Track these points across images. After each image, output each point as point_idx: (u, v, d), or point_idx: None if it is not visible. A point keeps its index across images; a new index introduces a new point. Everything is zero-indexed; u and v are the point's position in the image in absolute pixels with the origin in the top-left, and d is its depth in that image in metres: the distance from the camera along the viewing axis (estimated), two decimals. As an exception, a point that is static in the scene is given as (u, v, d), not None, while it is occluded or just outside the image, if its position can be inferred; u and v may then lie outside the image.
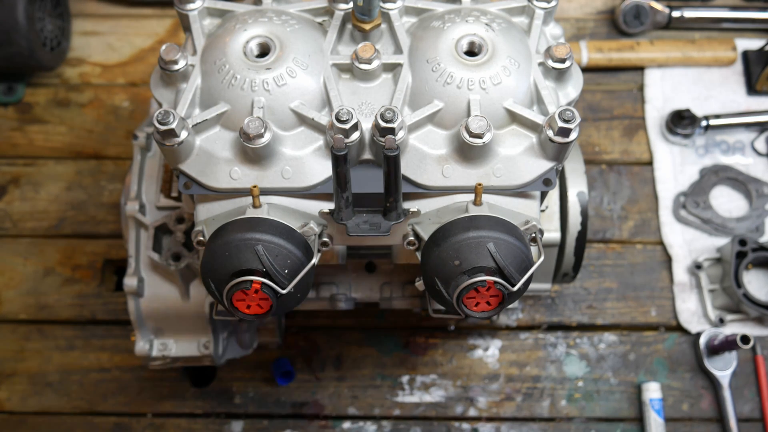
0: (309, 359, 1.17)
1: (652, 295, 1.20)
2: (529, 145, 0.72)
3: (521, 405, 1.14)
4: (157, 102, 0.75)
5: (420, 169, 0.72)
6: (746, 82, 1.31)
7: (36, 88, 1.34)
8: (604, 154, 1.29)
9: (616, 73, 1.34)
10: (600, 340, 1.18)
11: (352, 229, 0.71)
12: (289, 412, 1.14)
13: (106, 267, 1.23)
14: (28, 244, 1.24)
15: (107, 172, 1.28)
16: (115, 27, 1.39)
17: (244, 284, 0.65)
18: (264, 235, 0.67)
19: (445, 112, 0.72)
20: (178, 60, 0.72)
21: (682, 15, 1.34)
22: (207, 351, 0.94)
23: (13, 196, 1.27)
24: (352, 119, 0.68)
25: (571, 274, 0.98)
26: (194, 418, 1.14)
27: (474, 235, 0.67)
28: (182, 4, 0.77)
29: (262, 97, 0.71)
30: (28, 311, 1.20)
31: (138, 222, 0.92)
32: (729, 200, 1.24)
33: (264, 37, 0.74)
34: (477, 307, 0.68)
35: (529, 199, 0.74)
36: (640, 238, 1.23)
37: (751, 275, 1.19)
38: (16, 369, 1.17)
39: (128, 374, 1.16)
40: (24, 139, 1.31)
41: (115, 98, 1.33)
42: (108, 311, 1.20)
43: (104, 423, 1.14)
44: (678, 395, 1.14)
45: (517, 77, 0.72)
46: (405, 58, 0.74)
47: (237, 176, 0.71)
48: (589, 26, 1.38)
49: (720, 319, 1.15)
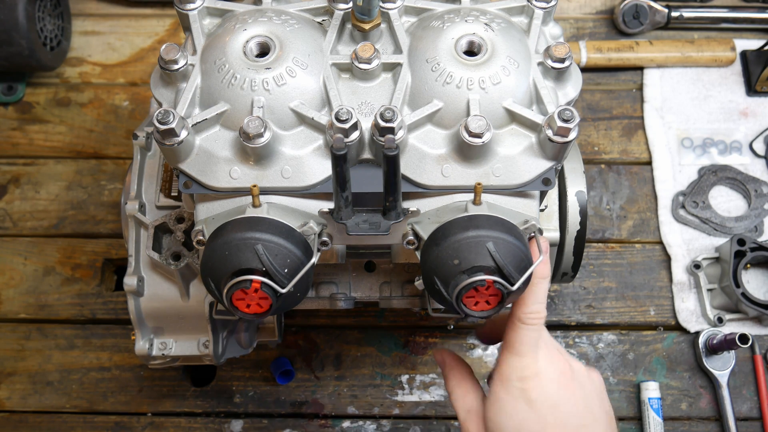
0: (308, 358, 1.17)
1: (651, 294, 1.20)
2: (528, 145, 0.72)
3: (520, 404, 1.15)
4: (157, 101, 0.75)
5: (419, 169, 0.72)
6: (745, 82, 1.32)
7: (36, 87, 1.34)
8: (603, 154, 1.29)
9: (615, 72, 1.34)
10: (599, 340, 1.18)
11: (352, 229, 0.71)
12: (288, 411, 1.15)
13: (106, 266, 1.23)
14: (28, 243, 1.24)
15: (107, 172, 1.28)
16: (115, 27, 1.39)
17: (243, 283, 0.65)
18: (264, 234, 0.67)
19: (444, 111, 0.72)
20: (178, 59, 0.72)
21: (681, 15, 1.34)
22: (207, 350, 0.95)
23: (13, 195, 1.27)
24: (351, 119, 0.68)
25: (570, 273, 0.99)
26: (194, 417, 1.14)
27: (473, 234, 0.67)
28: (182, 4, 0.77)
29: (261, 96, 0.71)
30: (28, 310, 1.20)
31: (138, 221, 0.92)
32: (728, 200, 1.24)
33: (264, 37, 0.74)
34: (476, 306, 0.68)
35: (528, 199, 0.74)
36: (639, 237, 1.23)
37: (750, 275, 1.19)
38: (16, 368, 1.17)
39: (128, 373, 1.16)
40: (24, 139, 1.31)
41: (115, 98, 1.33)
42: (108, 310, 1.20)
43: (104, 422, 1.14)
44: (677, 394, 1.15)
45: (516, 77, 0.72)
46: (404, 57, 0.74)
47: (237, 176, 0.71)
48: (588, 26, 1.38)
49: (719, 319, 1.15)
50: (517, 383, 0.70)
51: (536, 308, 0.70)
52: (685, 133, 1.29)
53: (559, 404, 0.70)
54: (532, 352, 0.70)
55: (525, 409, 0.69)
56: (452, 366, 0.79)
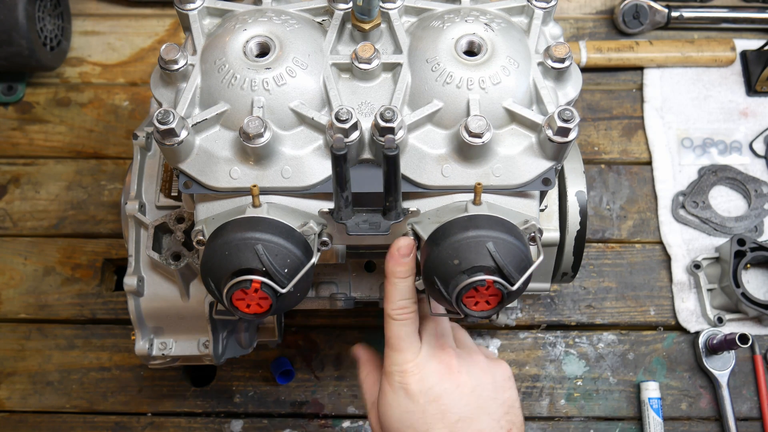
0: (308, 358, 1.17)
1: (651, 294, 1.20)
2: (528, 145, 0.72)
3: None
4: (157, 101, 0.75)
5: (419, 169, 0.72)
6: (745, 82, 1.32)
7: (36, 87, 1.34)
8: (603, 154, 1.29)
9: (615, 72, 1.34)
10: (599, 340, 1.18)
11: (352, 229, 0.71)
12: (288, 411, 1.15)
13: (106, 266, 1.23)
14: (28, 243, 1.24)
15: (107, 172, 1.28)
16: (115, 27, 1.39)
17: (243, 283, 0.65)
18: (264, 234, 0.67)
19: (444, 111, 0.72)
20: (178, 59, 0.72)
21: (681, 15, 1.34)
22: (207, 350, 0.95)
23: (13, 195, 1.27)
24: (351, 119, 0.68)
25: (570, 273, 0.99)
26: (194, 417, 1.14)
27: (473, 234, 0.67)
28: (182, 4, 0.77)
29: (261, 96, 0.71)
30: (28, 310, 1.20)
31: (138, 221, 0.92)
32: (728, 200, 1.24)
33: (264, 37, 0.74)
34: (476, 306, 0.68)
35: (528, 199, 0.74)
36: (639, 237, 1.23)
37: (750, 275, 1.19)
38: (16, 368, 1.17)
39: (128, 373, 1.16)
40: (24, 139, 1.31)
41: (115, 98, 1.33)
42: (108, 310, 1.20)
43: (104, 422, 1.14)
44: (677, 394, 1.15)
45: (516, 77, 0.72)
46: (404, 57, 0.74)
47: (237, 176, 0.71)
48: (588, 26, 1.38)
49: (719, 319, 1.15)
50: (398, 377, 0.72)
51: (402, 304, 0.73)
52: (685, 133, 1.29)
53: (441, 396, 0.72)
54: (410, 346, 0.73)
55: (406, 402, 0.72)
56: (365, 360, 0.82)
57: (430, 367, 0.73)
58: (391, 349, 0.74)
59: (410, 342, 0.73)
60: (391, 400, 0.73)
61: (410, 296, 0.74)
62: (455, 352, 0.75)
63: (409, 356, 0.73)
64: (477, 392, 0.73)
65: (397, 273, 0.73)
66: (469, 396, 0.73)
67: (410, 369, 0.72)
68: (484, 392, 0.74)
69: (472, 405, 0.73)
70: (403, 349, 0.73)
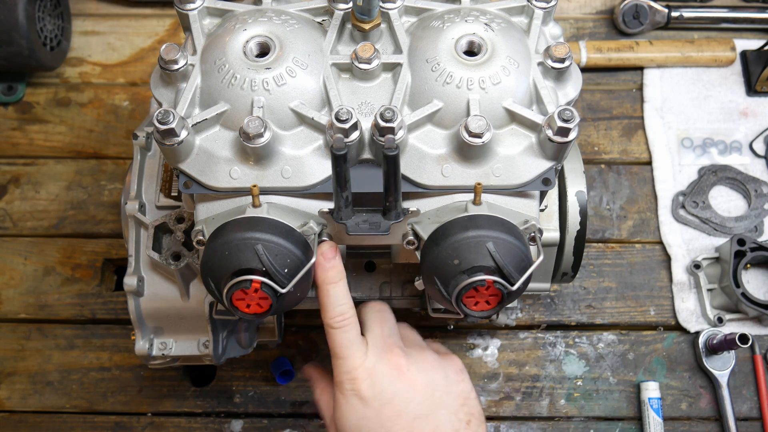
0: (308, 358, 1.17)
1: (651, 294, 1.20)
2: (528, 145, 0.72)
3: (520, 404, 1.15)
4: (157, 101, 0.75)
5: (419, 169, 0.72)
6: (745, 83, 1.32)
7: (36, 87, 1.34)
8: (603, 154, 1.29)
9: (615, 72, 1.34)
10: (599, 340, 1.18)
11: (352, 229, 0.71)
12: (288, 411, 1.15)
13: (106, 266, 1.23)
14: (28, 243, 1.24)
15: (107, 172, 1.28)
16: (115, 27, 1.39)
17: (243, 283, 0.66)
18: (264, 234, 0.67)
19: (444, 111, 0.72)
20: (178, 59, 0.72)
21: (681, 15, 1.34)
22: (207, 350, 0.95)
23: (13, 195, 1.27)
24: (351, 119, 0.68)
25: (570, 273, 0.99)
26: (194, 417, 1.14)
27: (473, 234, 0.67)
28: (182, 4, 0.77)
29: (261, 96, 0.71)
30: (28, 310, 1.20)
31: (138, 221, 0.92)
32: (728, 200, 1.24)
33: (264, 37, 0.74)
34: (476, 306, 0.68)
35: (528, 199, 0.74)
36: (639, 237, 1.23)
37: (750, 275, 1.19)
38: (16, 368, 1.17)
39: (128, 373, 1.16)
40: (24, 139, 1.31)
41: (115, 98, 1.33)
42: (108, 310, 1.20)
43: (104, 422, 1.14)
44: (677, 394, 1.15)
45: (516, 77, 0.72)
46: (404, 57, 0.74)
47: (237, 176, 0.71)
48: (588, 26, 1.38)
49: (719, 319, 1.15)
50: (348, 384, 0.72)
51: (340, 310, 0.72)
52: (685, 133, 1.29)
53: (394, 397, 0.71)
54: (356, 352, 0.72)
55: (361, 408, 0.71)
56: (318, 378, 0.81)
57: (380, 369, 0.72)
58: (338, 357, 0.73)
59: (355, 348, 0.72)
60: (345, 410, 0.72)
61: (346, 301, 0.73)
62: (403, 352, 0.75)
63: (357, 362, 0.72)
64: (430, 388, 0.73)
65: (327, 279, 0.72)
66: (422, 393, 0.73)
67: (359, 375, 0.72)
68: (437, 388, 0.74)
69: (426, 402, 0.72)
70: (348, 356, 0.72)
